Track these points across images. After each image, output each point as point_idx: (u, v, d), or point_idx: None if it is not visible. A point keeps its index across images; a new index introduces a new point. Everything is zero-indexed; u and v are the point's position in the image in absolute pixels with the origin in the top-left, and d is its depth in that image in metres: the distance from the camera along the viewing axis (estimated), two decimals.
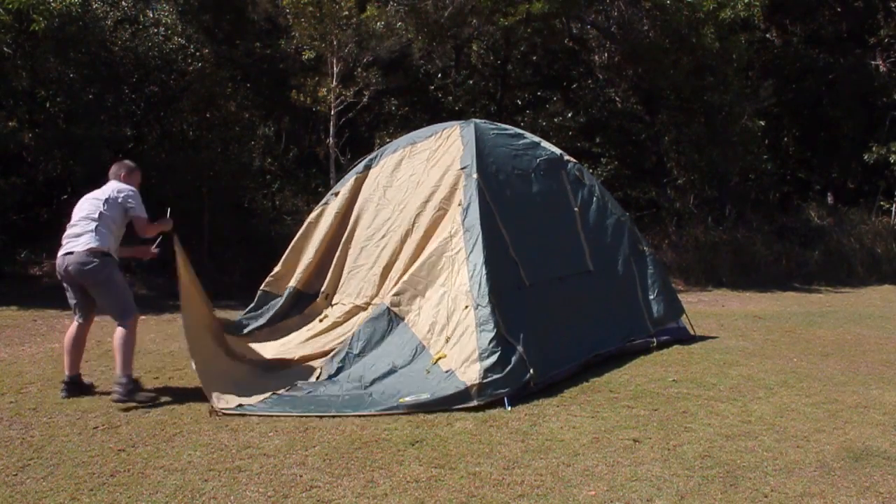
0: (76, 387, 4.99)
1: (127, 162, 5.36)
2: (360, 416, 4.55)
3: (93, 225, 4.90)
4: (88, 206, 5.00)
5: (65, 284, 4.99)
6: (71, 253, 4.85)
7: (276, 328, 6.11)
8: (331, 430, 4.34)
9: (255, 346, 5.81)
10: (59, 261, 4.96)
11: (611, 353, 6.06)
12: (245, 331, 6.08)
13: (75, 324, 5.05)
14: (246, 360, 5.48)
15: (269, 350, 5.75)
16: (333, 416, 4.59)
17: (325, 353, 5.51)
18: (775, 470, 3.89)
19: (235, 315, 8.14)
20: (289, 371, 5.34)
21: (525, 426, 4.47)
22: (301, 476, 3.68)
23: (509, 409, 4.77)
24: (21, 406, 4.71)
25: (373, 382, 4.94)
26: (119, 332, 4.88)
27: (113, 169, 5.24)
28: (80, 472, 3.68)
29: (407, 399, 4.71)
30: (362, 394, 4.84)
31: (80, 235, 4.91)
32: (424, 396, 4.74)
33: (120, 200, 4.99)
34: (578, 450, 4.10)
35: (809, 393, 5.35)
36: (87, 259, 4.82)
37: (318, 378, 5.14)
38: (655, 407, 4.90)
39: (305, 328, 6.03)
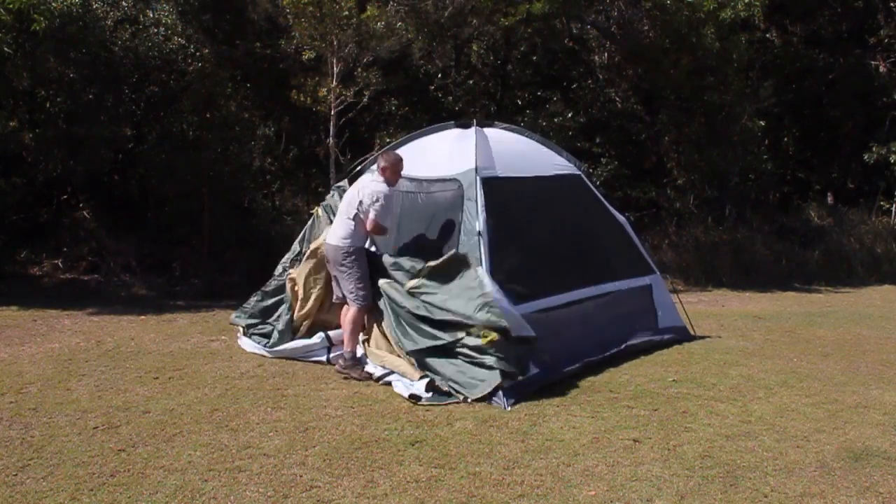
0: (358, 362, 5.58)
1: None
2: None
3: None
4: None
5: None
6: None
7: None
8: (331, 430, 4.35)
9: None
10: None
11: (612, 355, 6.07)
12: None
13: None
14: None
15: None
16: (333, 417, 4.61)
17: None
18: (775, 470, 3.89)
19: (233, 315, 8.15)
20: None
21: (525, 426, 4.47)
22: (301, 476, 3.68)
23: (509, 409, 4.77)
24: (21, 406, 4.71)
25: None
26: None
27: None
28: (80, 472, 3.68)
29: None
30: None
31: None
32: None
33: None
34: (578, 450, 4.10)
35: (809, 393, 5.35)
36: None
37: None
38: (655, 407, 4.91)
39: None
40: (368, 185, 5.64)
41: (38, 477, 3.63)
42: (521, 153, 6.36)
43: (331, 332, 5.93)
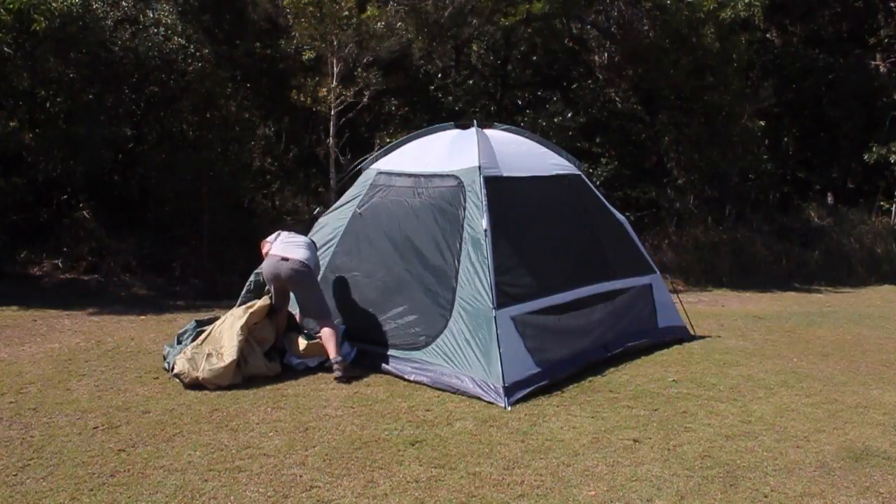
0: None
1: None
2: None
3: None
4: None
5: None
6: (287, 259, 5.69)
7: None
8: (331, 430, 4.35)
9: None
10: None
11: (613, 355, 6.08)
12: None
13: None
14: None
15: None
16: (333, 417, 4.61)
17: None
18: (775, 470, 3.89)
19: None
20: None
21: (525, 426, 4.47)
22: (301, 476, 3.69)
23: (509, 409, 4.77)
24: (21, 406, 4.71)
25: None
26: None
27: None
28: (80, 472, 3.68)
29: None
30: None
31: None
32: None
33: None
34: (578, 450, 4.10)
35: (809, 393, 5.35)
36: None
37: None
38: (655, 407, 4.91)
39: None
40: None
41: (38, 477, 3.63)
42: (522, 153, 6.36)
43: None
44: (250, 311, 5.58)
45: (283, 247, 5.80)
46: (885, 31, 16.52)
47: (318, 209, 7.26)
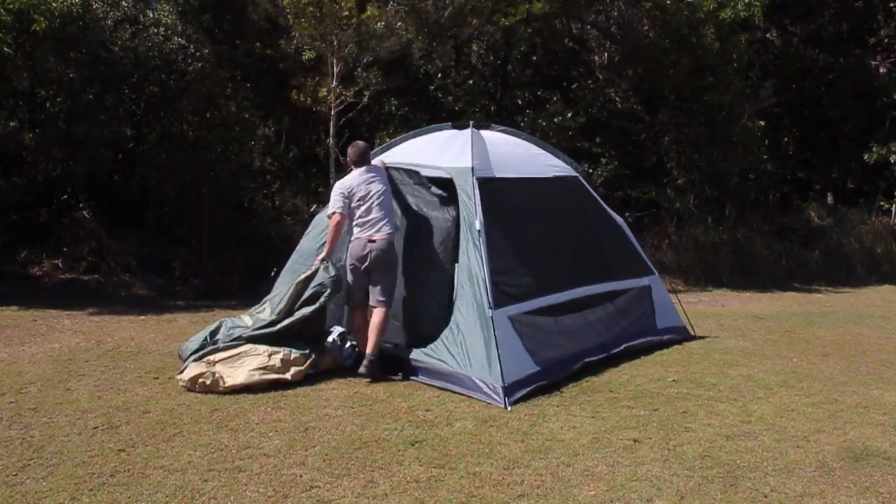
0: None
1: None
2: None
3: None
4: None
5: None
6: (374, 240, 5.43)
7: None
8: (331, 430, 4.35)
9: None
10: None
11: (612, 355, 6.08)
12: None
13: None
14: None
15: None
16: (333, 417, 4.61)
17: None
18: (775, 470, 3.89)
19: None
20: None
21: (525, 426, 4.48)
22: (301, 476, 3.69)
23: (509, 409, 4.77)
24: (21, 406, 4.71)
25: None
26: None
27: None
28: (80, 472, 3.68)
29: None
30: None
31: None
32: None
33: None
34: (578, 450, 4.11)
35: (809, 393, 5.35)
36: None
37: None
38: (655, 407, 4.91)
39: None
40: (379, 173, 5.68)
41: (38, 477, 3.63)
42: (517, 155, 6.37)
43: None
44: (282, 374, 5.19)
45: (367, 227, 5.48)
46: (885, 31, 16.51)
47: (315, 206, 7.22)
